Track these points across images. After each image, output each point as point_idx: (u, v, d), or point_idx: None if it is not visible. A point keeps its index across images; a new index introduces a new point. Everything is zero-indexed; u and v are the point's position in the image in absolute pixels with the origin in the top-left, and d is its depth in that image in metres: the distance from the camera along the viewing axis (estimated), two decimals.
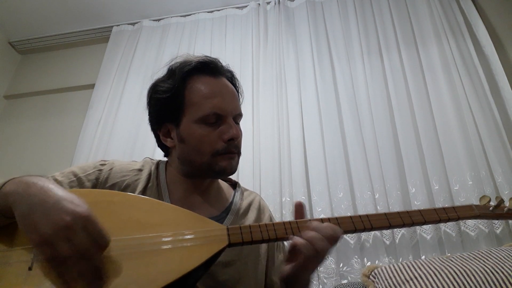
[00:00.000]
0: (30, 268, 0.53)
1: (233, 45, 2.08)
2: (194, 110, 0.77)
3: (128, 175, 0.80)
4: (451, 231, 1.38)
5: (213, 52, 2.07)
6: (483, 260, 1.02)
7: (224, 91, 0.80)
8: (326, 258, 0.63)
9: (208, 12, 2.27)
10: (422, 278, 1.00)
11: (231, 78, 0.86)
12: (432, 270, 1.01)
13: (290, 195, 1.56)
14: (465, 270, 0.98)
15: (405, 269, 1.06)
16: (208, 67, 0.81)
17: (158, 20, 2.35)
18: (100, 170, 0.80)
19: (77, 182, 0.75)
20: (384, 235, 1.44)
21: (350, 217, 0.66)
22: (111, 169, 0.80)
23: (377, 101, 1.71)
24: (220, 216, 0.81)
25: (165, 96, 0.79)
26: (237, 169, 0.81)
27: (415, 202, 1.45)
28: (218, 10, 2.25)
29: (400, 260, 1.38)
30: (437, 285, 0.96)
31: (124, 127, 1.95)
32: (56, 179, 0.75)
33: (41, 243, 0.48)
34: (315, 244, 0.60)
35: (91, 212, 0.52)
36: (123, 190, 0.77)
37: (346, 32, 1.94)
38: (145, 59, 2.17)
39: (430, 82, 1.68)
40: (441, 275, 0.99)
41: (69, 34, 2.45)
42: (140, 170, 0.82)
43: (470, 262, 1.02)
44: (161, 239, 0.59)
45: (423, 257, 1.36)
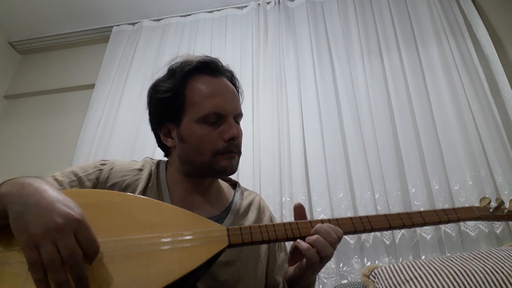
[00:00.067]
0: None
1: (233, 45, 2.08)
2: (194, 110, 0.77)
3: (128, 175, 0.80)
4: (451, 231, 1.38)
5: (213, 52, 2.07)
6: (483, 260, 1.02)
7: (224, 91, 0.80)
8: (329, 260, 0.64)
9: (208, 12, 2.27)
10: (422, 278, 1.00)
11: (231, 78, 0.86)
12: (432, 270, 1.01)
13: (290, 195, 1.56)
14: (465, 270, 0.98)
15: (405, 269, 1.06)
16: (208, 67, 0.81)
17: (158, 20, 2.34)
18: (101, 170, 0.80)
19: (78, 182, 0.75)
20: (384, 235, 1.44)
21: (350, 218, 0.67)
22: (111, 169, 0.80)
23: (377, 101, 1.71)
24: (220, 216, 0.81)
25: (166, 95, 0.79)
26: (237, 169, 0.81)
27: (415, 202, 1.45)
28: (218, 10, 2.25)
29: (400, 260, 1.38)
30: (437, 285, 0.96)
31: (124, 127, 1.95)
32: (56, 179, 0.75)
33: (28, 244, 0.47)
34: (319, 249, 0.61)
35: (84, 217, 0.51)
36: (123, 190, 0.77)
37: (346, 32, 1.94)
38: (145, 59, 2.17)
39: (430, 82, 1.68)
40: (441, 275, 0.98)
41: (69, 34, 2.45)
42: (140, 170, 0.82)
43: (470, 262, 1.02)
44: (161, 240, 0.58)
45: (423, 257, 1.36)
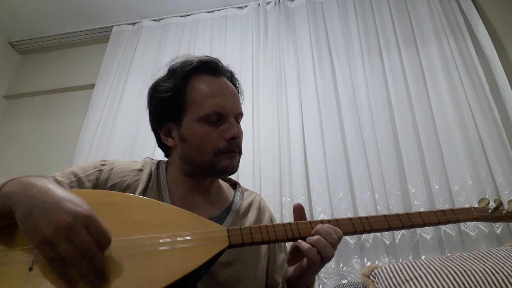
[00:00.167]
0: (31, 269, 0.53)
1: (233, 45, 2.08)
2: (195, 109, 0.77)
3: (128, 175, 0.80)
4: (451, 231, 1.38)
5: (213, 52, 2.07)
6: (483, 260, 1.02)
7: (225, 91, 0.80)
8: (330, 260, 0.64)
9: (208, 12, 2.27)
10: (422, 278, 1.00)
11: (231, 78, 0.86)
12: (432, 270, 1.01)
13: (290, 195, 1.56)
14: (465, 270, 0.98)
15: (405, 269, 1.06)
16: (209, 67, 0.81)
17: (158, 20, 2.35)
18: (101, 170, 0.79)
19: (77, 182, 0.75)
20: (384, 235, 1.44)
21: (350, 219, 0.67)
22: (111, 169, 0.80)
23: (377, 101, 1.71)
24: (220, 216, 0.81)
25: (166, 95, 0.79)
26: (237, 169, 0.81)
27: (415, 202, 1.45)
28: (218, 10, 2.25)
29: (400, 260, 1.38)
30: (437, 285, 0.96)
31: (124, 127, 1.95)
32: (56, 179, 0.75)
33: (42, 243, 0.48)
34: (320, 249, 0.62)
35: (92, 211, 0.52)
36: (123, 191, 0.76)
37: (346, 32, 1.94)
38: (145, 59, 2.17)
39: (430, 82, 1.68)
40: (441, 275, 0.99)
41: (69, 34, 2.45)
42: (140, 170, 0.82)
43: (470, 262, 1.02)
44: (161, 240, 0.58)
45: (423, 257, 1.36)
